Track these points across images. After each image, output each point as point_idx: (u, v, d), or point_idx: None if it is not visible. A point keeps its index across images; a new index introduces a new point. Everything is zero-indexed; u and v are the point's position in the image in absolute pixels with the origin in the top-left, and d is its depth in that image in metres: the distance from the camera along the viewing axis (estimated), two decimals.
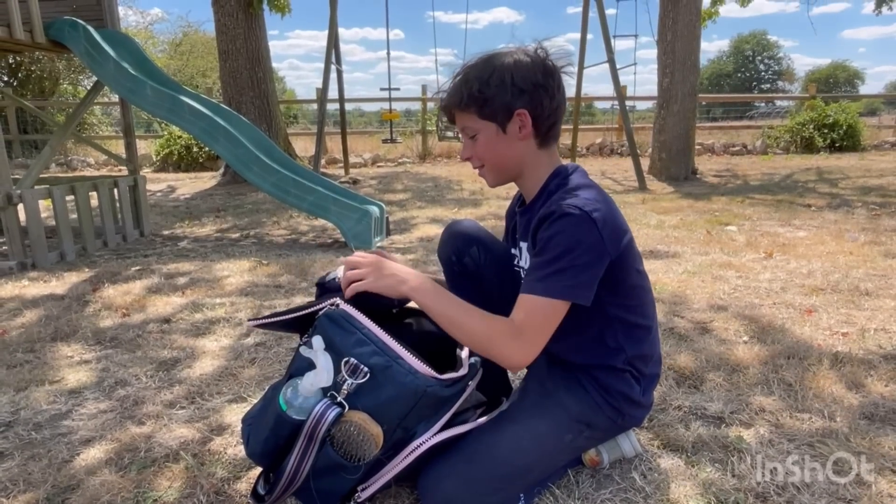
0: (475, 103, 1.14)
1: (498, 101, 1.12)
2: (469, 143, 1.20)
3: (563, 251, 1.04)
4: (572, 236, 1.04)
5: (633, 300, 1.20)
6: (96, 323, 2.32)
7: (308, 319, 1.10)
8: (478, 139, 1.17)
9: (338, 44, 7.13)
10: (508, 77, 1.11)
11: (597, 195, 1.10)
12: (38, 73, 12.34)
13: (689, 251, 3.26)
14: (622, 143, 9.91)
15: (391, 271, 1.12)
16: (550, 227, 1.06)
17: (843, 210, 4.47)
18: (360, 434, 0.97)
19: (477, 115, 1.15)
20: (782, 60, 48.61)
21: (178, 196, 6.58)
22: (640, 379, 1.21)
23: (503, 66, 1.12)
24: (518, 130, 1.15)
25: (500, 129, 1.15)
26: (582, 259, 1.04)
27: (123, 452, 1.40)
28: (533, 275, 1.06)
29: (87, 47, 3.73)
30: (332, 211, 3.67)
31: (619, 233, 1.10)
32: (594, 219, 1.04)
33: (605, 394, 1.19)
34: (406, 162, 9.98)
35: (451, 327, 1.08)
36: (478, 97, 1.13)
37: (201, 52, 19.97)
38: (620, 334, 1.19)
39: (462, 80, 1.15)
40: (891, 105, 16.51)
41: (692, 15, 6.61)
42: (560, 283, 1.04)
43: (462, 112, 1.17)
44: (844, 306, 2.29)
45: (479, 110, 1.14)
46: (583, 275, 1.05)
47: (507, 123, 1.14)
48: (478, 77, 1.13)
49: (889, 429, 1.42)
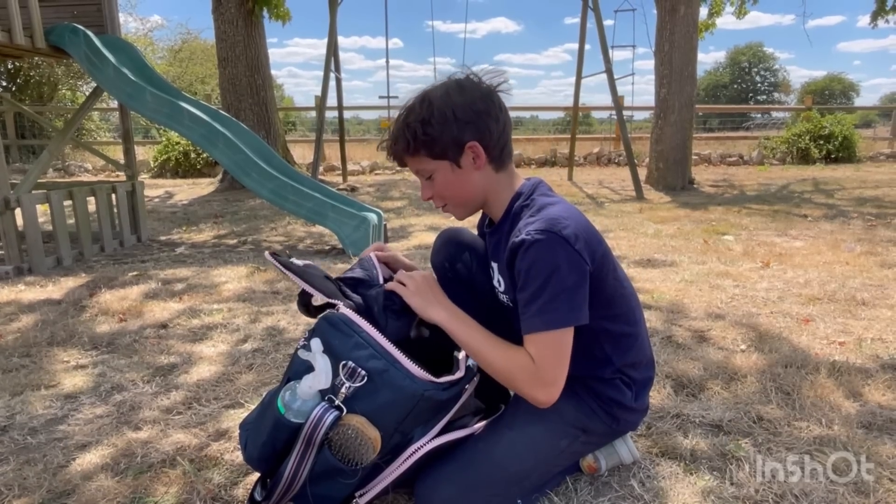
0: (423, 146, 1.12)
1: (446, 138, 1.11)
2: (427, 183, 1.19)
3: (546, 279, 1.03)
4: (549, 261, 1.03)
5: (614, 309, 1.18)
6: (93, 328, 2.32)
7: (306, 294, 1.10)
8: (435, 179, 1.16)
9: (337, 52, 7.17)
10: (450, 112, 1.09)
11: (562, 210, 1.09)
12: (37, 78, 12.36)
13: (687, 260, 3.27)
14: (620, 152, 9.95)
15: (429, 294, 1.14)
16: (525, 258, 1.04)
17: (840, 220, 4.49)
18: (358, 438, 0.97)
19: (428, 157, 1.14)
20: (778, 72, 48.96)
21: (176, 202, 6.57)
22: (632, 385, 1.21)
23: (441, 102, 1.10)
24: (472, 162, 1.14)
25: (454, 165, 1.14)
26: (568, 281, 1.03)
27: (120, 458, 1.39)
28: (528, 311, 1.05)
29: (87, 53, 3.74)
30: (331, 218, 3.67)
31: (594, 243, 1.09)
32: (565, 236, 1.03)
33: (598, 400, 1.19)
34: (404, 170, 9.98)
35: (481, 360, 1.09)
36: (425, 140, 1.11)
37: (200, 59, 20.02)
38: (607, 345, 1.18)
39: (403, 126, 1.13)
40: (885, 117, 16.59)
41: (689, 26, 6.66)
42: (557, 313, 1.03)
43: (412, 157, 1.15)
44: (841, 316, 2.30)
45: (429, 152, 1.13)
46: (576, 296, 1.04)
47: (460, 157, 1.13)
48: (419, 119, 1.10)
49: (886, 437, 1.42)
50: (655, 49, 6.92)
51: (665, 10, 6.69)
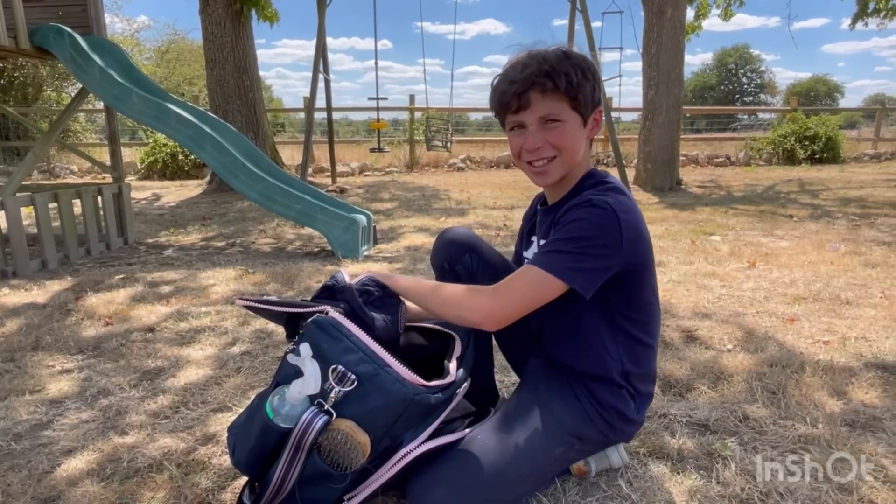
0: (580, 90, 1.11)
1: (591, 94, 1.12)
2: (539, 132, 1.14)
3: (579, 237, 1.04)
4: (593, 226, 1.04)
5: (642, 315, 1.19)
6: (78, 332, 2.29)
7: (294, 319, 1.09)
8: (561, 128, 1.13)
9: (325, 53, 7.15)
10: (599, 74, 1.13)
11: (629, 202, 1.11)
12: (22, 79, 12.21)
13: (674, 260, 3.30)
14: (608, 153, 10.00)
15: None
16: (576, 212, 1.06)
17: (824, 221, 4.55)
18: (348, 442, 0.96)
19: (569, 104, 1.12)
20: (764, 74, 49.43)
21: (164, 204, 6.52)
22: (636, 397, 1.21)
23: (591, 62, 1.12)
24: (591, 127, 1.17)
25: (582, 122, 1.15)
26: (593, 250, 1.03)
27: (106, 463, 1.38)
28: (540, 251, 1.07)
29: (72, 54, 3.71)
30: (320, 220, 3.66)
31: (641, 243, 1.10)
32: (620, 219, 1.04)
33: (598, 407, 1.19)
34: (393, 171, 9.98)
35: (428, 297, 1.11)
36: (576, 87, 1.10)
37: (188, 60, 19.90)
38: (622, 347, 1.18)
39: (567, 63, 1.09)
40: (869, 118, 16.84)
41: (676, 28, 6.72)
42: (561, 262, 1.03)
43: (555, 97, 1.11)
44: (826, 315, 2.33)
45: (575, 99, 1.11)
46: (588, 263, 1.03)
47: (589, 117, 1.15)
48: (579, 66, 1.10)
49: (870, 435, 1.44)
50: (643, 51, 6.98)
51: (652, 13, 6.74)
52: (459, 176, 9.26)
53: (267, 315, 1.17)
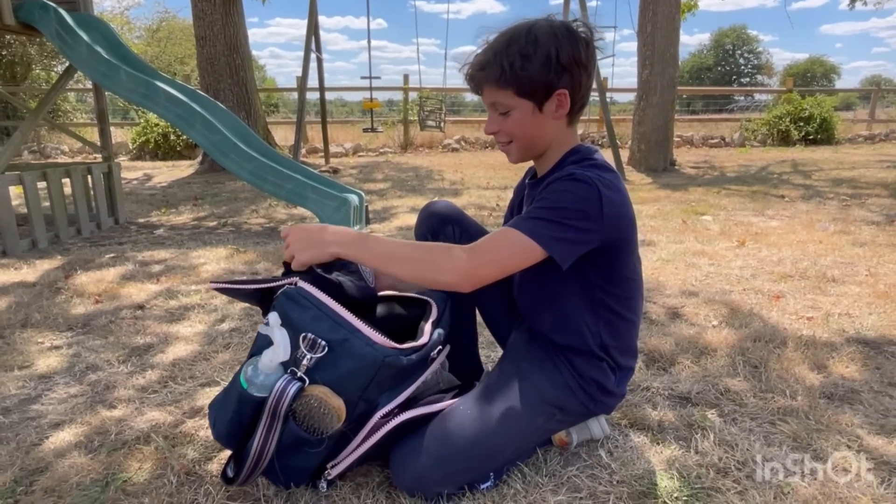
0: (515, 81, 1.07)
1: (540, 79, 1.06)
2: (496, 117, 1.14)
3: (562, 207, 1.02)
4: (575, 198, 1.03)
5: (622, 291, 1.19)
6: (68, 310, 2.30)
7: (268, 297, 1.09)
8: (510, 116, 1.12)
9: (318, 31, 7.06)
10: (554, 54, 1.04)
11: (612, 178, 1.09)
12: (10, 57, 12.00)
13: (665, 240, 3.31)
14: (602, 134, 9.96)
15: (313, 237, 1.08)
16: (559, 184, 1.05)
17: (816, 201, 4.56)
18: (322, 407, 0.98)
19: (514, 93, 1.09)
20: (762, 55, 49.15)
21: (155, 184, 6.48)
22: (616, 370, 1.22)
23: (547, 40, 1.04)
24: (554, 110, 1.11)
25: (536, 108, 1.10)
26: (574, 222, 1.02)
27: (93, 435, 1.39)
28: (520, 216, 1.05)
29: (58, 30, 3.65)
30: (311, 199, 3.64)
31: (622, 219, 1.09)
32: (602, 193, 1.03)
33: (579, 379, 1.20)
34: (387, 152, 9.93)
35: (394, 261, 1.05)
36: (520, 75, 1.06)
37: (179, 39, 19.62)
38: (602, 320, 1.18)
39: (501, 53, 1.06)
40: (865, 100, 16.79)
41: (672, 7, 6.65)
42: (543, 229, 1.02)
43: (496, 88, 1.10)
44: (811, 292, 2.35)
45: (517, 88, 1.08)
46: (569, 234, 1.03)
47: (545, 102, 1.10)
48: (520, 52, 1.05)
49: (847, 407, 1.47)
50: (638, 30, 6.92)
51: None
52: (454, 156, 9.22)
53: (241, 296, 1.16)
